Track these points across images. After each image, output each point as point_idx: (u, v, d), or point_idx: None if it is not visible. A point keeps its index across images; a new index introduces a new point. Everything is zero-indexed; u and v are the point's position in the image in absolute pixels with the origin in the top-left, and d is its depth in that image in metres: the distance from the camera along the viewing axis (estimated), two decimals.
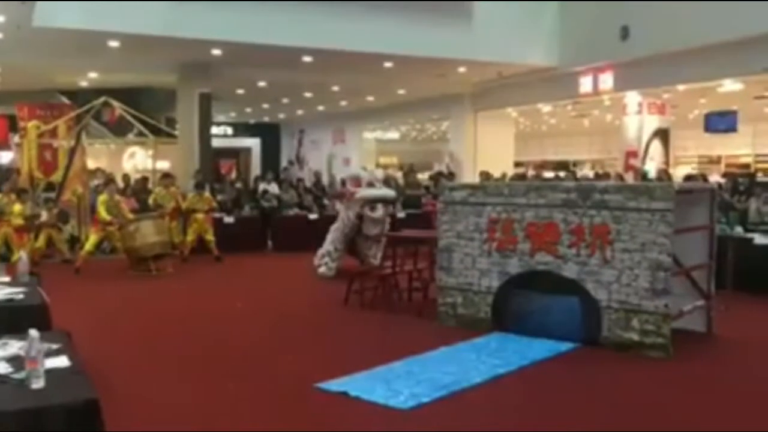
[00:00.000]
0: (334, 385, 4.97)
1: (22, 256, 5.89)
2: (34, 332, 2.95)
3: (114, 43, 12.37)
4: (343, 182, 10.36)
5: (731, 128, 15.44)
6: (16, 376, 3.01)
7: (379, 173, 10.96)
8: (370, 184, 10.15)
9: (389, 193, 10.41)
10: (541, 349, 6.02)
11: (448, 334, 6.52)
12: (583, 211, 6.14)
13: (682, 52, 12.23)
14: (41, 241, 11.16)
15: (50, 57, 13.78)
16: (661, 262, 5.73)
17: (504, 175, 14.91)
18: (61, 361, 3.24)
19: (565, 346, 6.08)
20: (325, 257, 10.10)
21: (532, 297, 6.50)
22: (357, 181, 10.17)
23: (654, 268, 5.76)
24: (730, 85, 13.89)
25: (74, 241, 12.18)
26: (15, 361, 3.19)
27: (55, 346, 3.45)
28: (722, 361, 5.93)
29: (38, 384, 2.87)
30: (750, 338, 6.64)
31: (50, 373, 2.97)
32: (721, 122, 15.38)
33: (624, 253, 5.91)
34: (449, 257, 7.03)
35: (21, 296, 4.70)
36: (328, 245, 10.15)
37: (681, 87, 14.17)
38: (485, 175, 15.37)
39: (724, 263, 7.44)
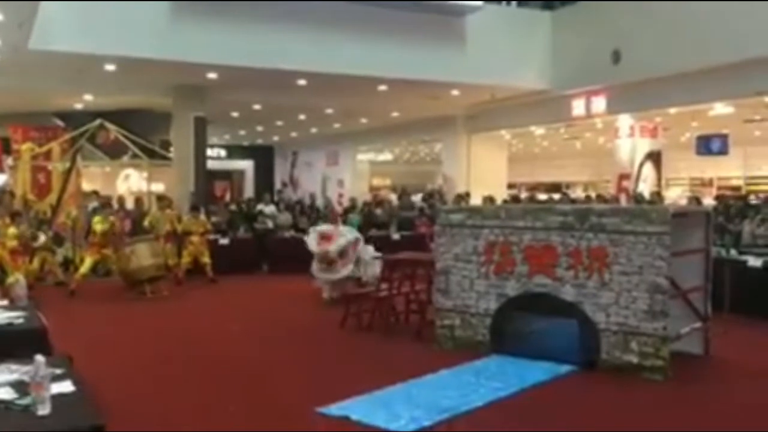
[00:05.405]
0: (336, 409, 4.95)
1: (20, 279, 5.87)
2: (40, 357, 2.94)
3: (110, 67, 12.42)
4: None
5: (722, 151, 15.60)
6: (21, 401, 2.98)
7: (343, 240, 9.68)
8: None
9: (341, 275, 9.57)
10: (540, 371, 6.01)
11: (446, 357, 6.51)
12: (581, 234, 6.18)
13: (673, 76, 12.37)
14: (36, 264, 11.11)
15: (46, 80, 13.81)
16: (659, 284, 5.77)
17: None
18: (66, 387, 3.22)
19: (564, 368, 6.08)
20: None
21: (530, 319, 6.51)
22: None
23: (652, 290, 5.79)
24: (720, 109, 14.05)
25: (68, 264, 12.14)
26: (19, 386, 3.17)
27: (58, 371, 3.43)
28: (720, 384, 5.94)
29: (44, 410, 2.85)
30: (747, 361, 6.65)
31: (55, 398, 2.95)
32: (712, 145, 15.55)
33: (622, 276, 5.94)
34: (447, 280, 7.04)
35: (21, 320, 4.68)
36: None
37: (672, 110, 14.31)
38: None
39: (720, 285, 7.47)
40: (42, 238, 11.00)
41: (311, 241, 9.91)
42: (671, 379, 5.72)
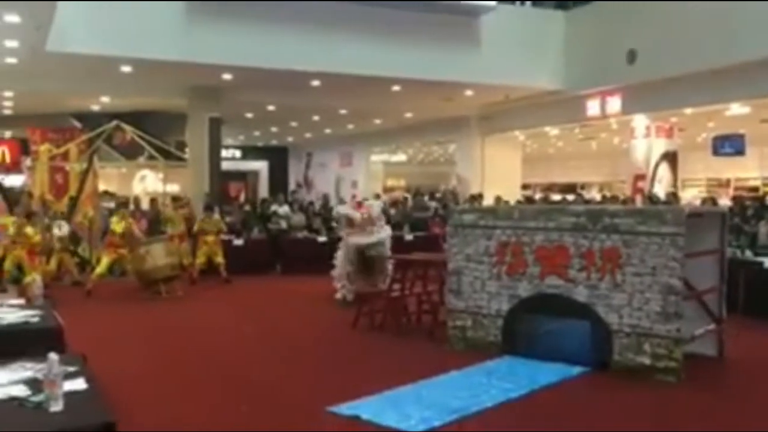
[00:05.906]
0: (346, 408, 4.97)
1: (36, 279, 5.94)
2: (53, 355, 2.98)
3: (126, 68, 12.54)
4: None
5: (739, 151, 15.47)
6: (34, 399, 3.03)
7: (376, 207, 10.44)
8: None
9: (381, 237, 9.95)
10: (551, 373, 5.99)
11: (458, 358, 6.51)
12: (594, 234, 6.16)
13: (689, 75, 12.30)
14: (53, 264, 11.23)
15: (63, 82, 13.98)
16: (672, 285, 5.73)
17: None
18: (78, 384, 3.26)
19: (576, 369, 6.06)
20: (344, 279, 9.75)
21: (542, 321, 6.50)
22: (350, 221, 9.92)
23: (665, 292, 5.75)
24: (737, 109, 13.94)
25: (84, 264, 12.26)
26: (32, 383, 3.22)
27: (71, 369, 3.47)
28: (734, 386, 5.90)
29: (56, 407, 2.89)
30: (762, 363, 6.60)
31: (68, 396, 2.99)
32: (728, 145, 15.42)
33: (635, 277, 5.91)
34: (459, 280, 7.03)
35: (36, 319, 4.73)
36: (347, 267, 9.79)
37: (688, 110, 14.21)
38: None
39: (735, 287, 7.40)
40: (59, 229, 11.11)
41: (349, 210, 10.17)
42: (684, 381, 5.68)
